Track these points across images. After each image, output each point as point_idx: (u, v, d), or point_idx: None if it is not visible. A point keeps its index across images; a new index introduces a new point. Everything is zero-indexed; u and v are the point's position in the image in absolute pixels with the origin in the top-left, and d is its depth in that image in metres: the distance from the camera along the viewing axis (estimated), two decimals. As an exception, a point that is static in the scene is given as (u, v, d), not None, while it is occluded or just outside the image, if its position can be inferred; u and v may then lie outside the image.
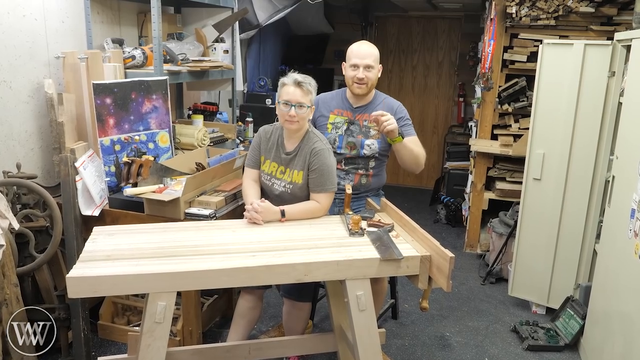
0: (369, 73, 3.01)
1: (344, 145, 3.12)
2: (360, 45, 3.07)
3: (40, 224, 3.10)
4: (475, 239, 5.26)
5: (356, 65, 3.01)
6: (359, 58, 3.01)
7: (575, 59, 3.66)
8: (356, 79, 3.02)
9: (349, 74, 3.06)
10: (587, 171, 3.72)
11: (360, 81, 3.01)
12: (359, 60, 3.00)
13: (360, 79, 3.01)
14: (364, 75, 3.00)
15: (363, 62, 3.00)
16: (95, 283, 2.10)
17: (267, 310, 3.95)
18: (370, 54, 3.03)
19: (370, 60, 3.01)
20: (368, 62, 3.00)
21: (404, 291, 4.31)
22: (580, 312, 3.53)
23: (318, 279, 2.37)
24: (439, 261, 2.30)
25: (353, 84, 3.05)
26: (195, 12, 4.66)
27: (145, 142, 3.45)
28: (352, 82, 3.04)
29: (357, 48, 3.06)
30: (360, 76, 3.00)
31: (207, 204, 3.06)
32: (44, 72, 3.39)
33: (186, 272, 2.17)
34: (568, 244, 3.86)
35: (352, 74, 3.03)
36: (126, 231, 2.62)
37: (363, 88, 3.04)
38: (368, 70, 3.01)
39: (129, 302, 3.54)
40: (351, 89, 3.09)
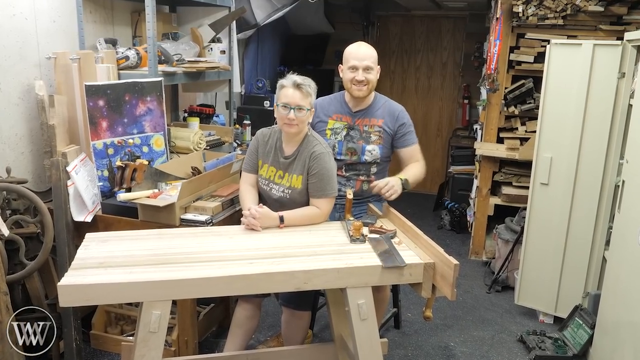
0: (368, 75, 3.01)
1: (344, 151, 3.12)
2: (359, 46, 3.07)
3: (31, 231, 3.10)
4: (481, 245, 5.26)
5: (355, 67, 3.01)
6: (357, 60, 3.01)
7: (583, 60, 3.67)
8: (355, 81, 3.02)
9: (347, 77, 3.05)
10: (596, 175, 3.72)
11: (360, 83, 3.01)
12: (358, 62, 3.00)
13: (359, 81, 3.00)
14: (363, 77, 3.00)
15: (362, 63, 2.99)
16: (88, 291, 2.11)
17: (266, 319, 3.95)
18: (369, 55, 3.03)
19: (369, 62, 3.01)
20: (367, 64, 3.00)
21: (407, 300, 4.31)
22: (589, 321, 3.53)
23: (318, 287, 2.37)
24: (443, 269, 2.31)
25: (352, 87, 3.04)
26: (191, 11, 4.67)
27: (140, 145, 3.46)
28: (351, 84, 3.04)
29: (355, 49, 3.06)
30: (360, 78, 3.00)
31: (203, 209, 3.07)
32: (34, 73, 3.39)
33: (182, 280, 2.18)
34: (576, 251, 3.86)
35: (351, 76, 3.02)
36: (120, 238, 2.62)
37: (363, 90, 3.04)
38: (367, 72, 3.01)
39: (123, 311, 3.53)
40: (350, 91, 3.08)
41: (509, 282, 4.63)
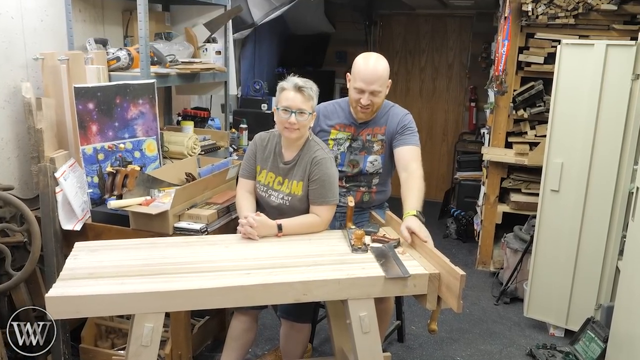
0: (375, 98, 2.95)
1: (346, 163, 3.10)
2: (368, 63, 2.95)
3: (17, 239, 3.11)
4: (488, 255, 5.26)
5: (361, 90, 2.93)
6: (365, 82, 2.91)
7: (596, 61, 3.68)
8: (360, 104, 2.96)
9: (352, 96, 2.99)
10: (609, 182, 3.73)
11: (365, 107, 2.97)
12: (365, 86, 2.91)
13: (364, 106, 2.96)
14: (369, 101, 2.94)
15: (369, 87, 2.91)
16: (77, 303, 2.11)
17: (263, 332, 3.95)
18: (377, 76, 2.92)
19: (377, 85, 2.92)
20: (374, 88, 2.92)
21: (411, 312, 4.31)
22: (602, 334, 3.53)
23: (318, 298, 2.38)
24: (449, 279, 2.31)
25: (357, 107, 3.00)
26: (185, 10, 4.68)
27: (131, 150, 3.46)
28: (356, 104, 2.98)
29: (364, 67, 2.94)
30: (365, 103, 2.94)
31: (197, 217, 3.07)
32: (21, 75, 3.40)
33: (175, 292, 2.18)
34: (589, 261, 3.87)
35: (357, 97, 2.95)
36: (110, 247, 2.63)
37: (367, 113, 3.01)
38: (374, 96, 2.94)
39: (114, 324, 3.53)
40: (354, 111, 3.05)
41: (518, 293, 4.64)
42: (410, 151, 3.01)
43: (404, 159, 2.99)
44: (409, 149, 3.01)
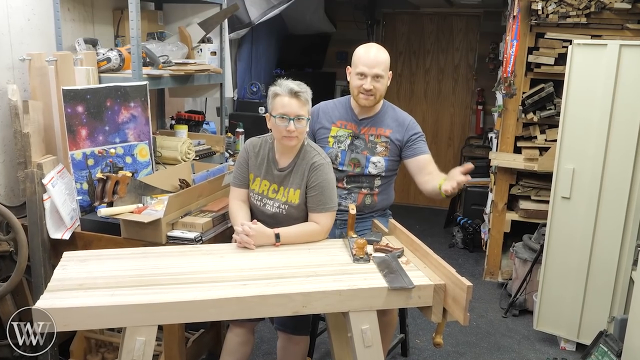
0: (377, 84, 3.02)
1: (347, 162, 3.13)
2: (369, 50, 3.06)
3: (3, 249, 3.11)
4: (496, 265, 5.27)
5: (363, 74, 3.01)
6: (366, 66, 3.01)
7: (609, 62, 3.70)
8: (362, 90, 3.03)
9: (354, 83, 3.07)
10: (622, 189, 3.74)
11: (367, 92, 3.03)
12: (367, 69, 3.00)
13: (367, 90, 3.02)
14: (371, 86, 3.01)
15: (371, 71, 3.00)
16: (66, 315, 2.12)
17: (260, 346, 3.96)
18: (380, 61, 3.03)
19: (380, 69, 3.01)
20: (376, 72, 3.01)
21: (415, 325, 4.32)
22: (615, 348, 3.53)
23: (318, 311, 2.38)
24: (455, 291, 2.32)
25: (359, 95, 3.06)
26: (179, 9, 4.69)
27: (122, 155, 3.47)
28: (358, 92, 3.06)
29: (364, 53, 3.05)
30: (368, 87, 3.01)
31: (192, 226, 3.07)
32: (7, 77, 3.41)
33: (168, 303, 2.19)
34: (601, 272, 3.87)
35: (359, 84, 3.03)
36: (100, 257, 2.63)
37: (370, 100, 3.06)
38: (376, 81, 3.02)
39: (104, 337, 3.53)
40: (356, 99, 3.11)
41: (527, 305, 4.64)
42: (424, 161, 3.13)
43: (425, 166, 3.11)
44: (422, 159, 3.13)
